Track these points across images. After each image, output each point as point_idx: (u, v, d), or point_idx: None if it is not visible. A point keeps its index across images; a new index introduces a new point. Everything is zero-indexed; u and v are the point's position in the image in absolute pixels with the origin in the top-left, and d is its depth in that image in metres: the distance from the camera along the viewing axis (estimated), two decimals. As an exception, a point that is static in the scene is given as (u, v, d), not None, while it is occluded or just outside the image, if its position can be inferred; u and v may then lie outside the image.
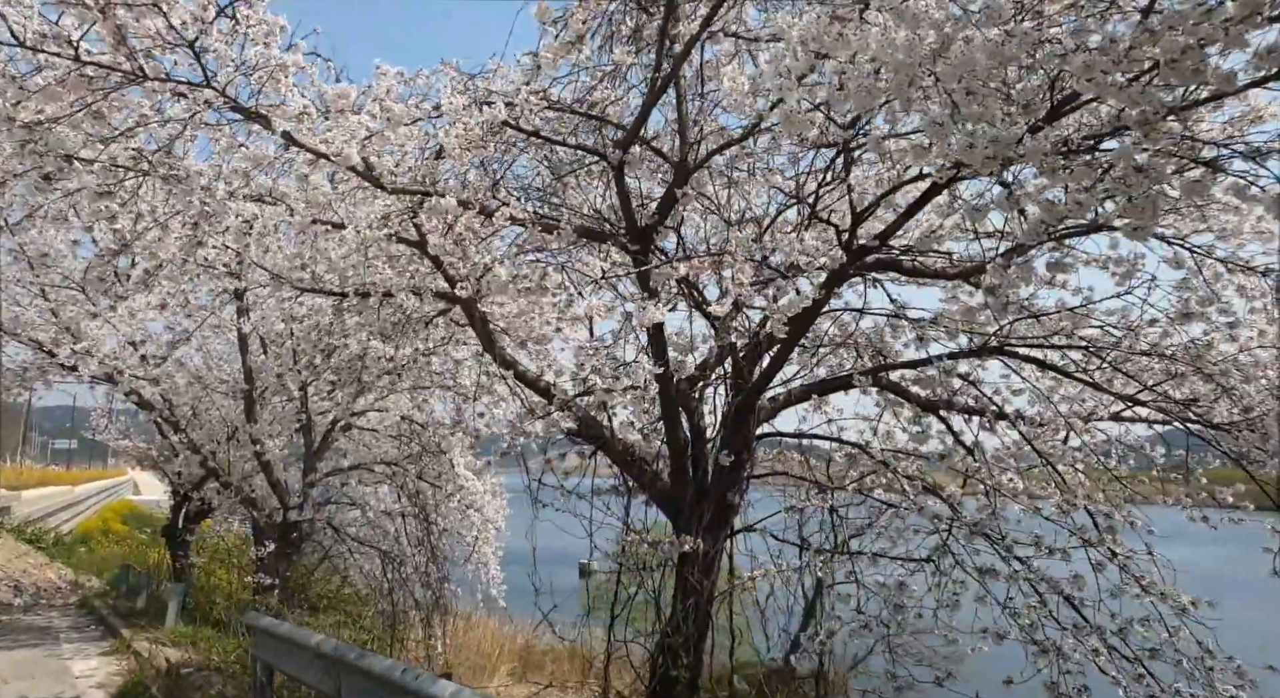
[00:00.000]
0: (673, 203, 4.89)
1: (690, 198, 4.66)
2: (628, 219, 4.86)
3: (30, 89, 3.46)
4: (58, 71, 3.53)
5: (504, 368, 6.09)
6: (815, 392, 5.44)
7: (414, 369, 10.33)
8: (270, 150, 4.86)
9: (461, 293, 5.80)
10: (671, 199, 4.83)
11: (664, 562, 5.12)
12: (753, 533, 5.33)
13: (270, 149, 4.86)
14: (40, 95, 3.50)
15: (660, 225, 4.86)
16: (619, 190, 4.82)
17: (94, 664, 9.26)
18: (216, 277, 6.87)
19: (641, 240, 4.78)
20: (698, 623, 4.92)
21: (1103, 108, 3.83)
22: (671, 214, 5.02)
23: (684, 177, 4.73)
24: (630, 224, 4.84)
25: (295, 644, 5.41)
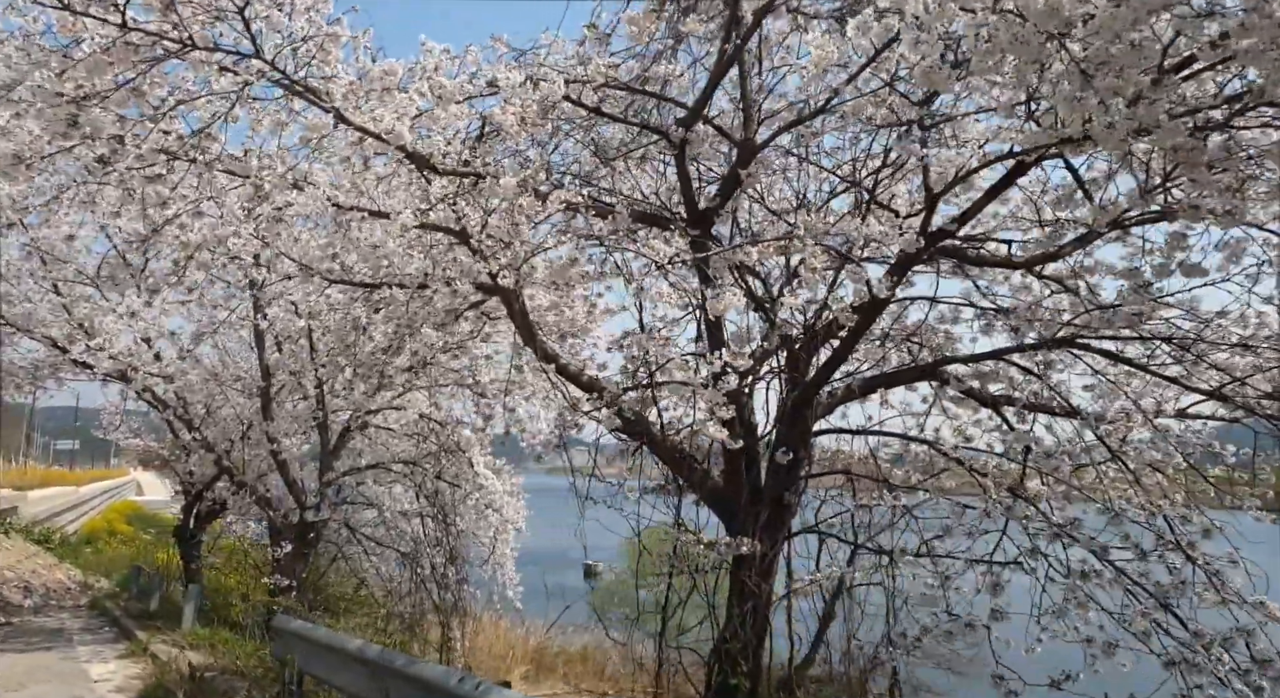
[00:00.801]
0: (736, 184, 4.66)
1: (755, 178, 4.43)
2: (687, 201, 4.62)
3: (75, 58, 3.24)
4: (101, 42, 3.32)
5: (545, 361, 5.86)
6: (881, 386, 5.20)
7: (434, 366, 10.15)
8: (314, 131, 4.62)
9: (504, 282, 5.58)
10: (735, 180, 4.60)
11: (720, 564, 4.89)
12: (806, 534, 5.08)
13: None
14: (84, 65, 3.29)
15: (722, 208, 4.63)
16: (680, 170, 4.58)
17: (111, 668, 9.03)
18: (244, 267, 6.66)
19: (702, 224, 4.54)
20: (756, 628, 4.69)
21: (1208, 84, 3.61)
22: (733, 197, 4.78)
23: (749, 156, 4.49)
24: (690, 207, 4.60)
25: (332, 649, 5.19)
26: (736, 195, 4.82)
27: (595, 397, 5.21)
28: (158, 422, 14.58)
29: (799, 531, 5.06)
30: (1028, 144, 3.41)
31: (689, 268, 3.85)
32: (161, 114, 3.75)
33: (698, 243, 4.29)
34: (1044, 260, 4.96)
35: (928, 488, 4.97)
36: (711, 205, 4.59)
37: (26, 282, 12.10)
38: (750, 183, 4.46)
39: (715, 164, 5.39)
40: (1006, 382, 5.37)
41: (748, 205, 5.55)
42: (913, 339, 5.39)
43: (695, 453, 5.35)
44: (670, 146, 4.47)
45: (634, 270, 5.75)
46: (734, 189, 4.73)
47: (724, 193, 4.65)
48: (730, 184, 4.69)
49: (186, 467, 14.13)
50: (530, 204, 4.01)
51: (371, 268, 6.37)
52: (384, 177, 6.03)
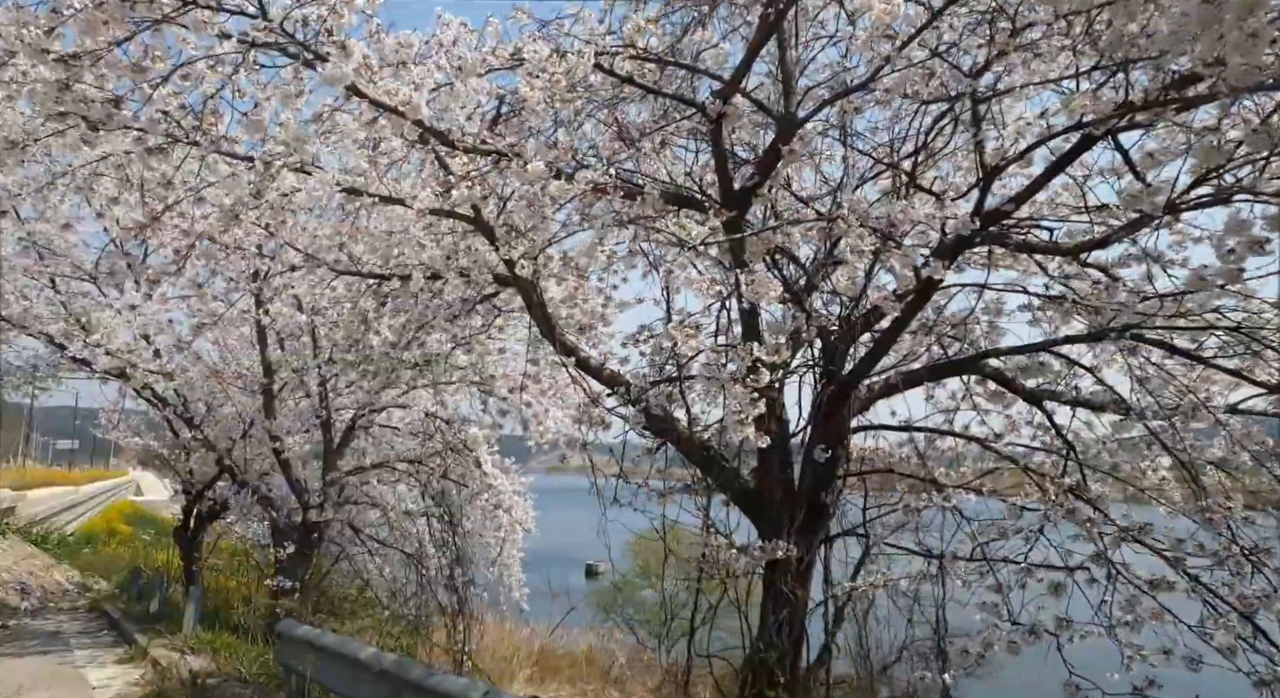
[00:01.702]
0: (775, 161, 4.37)
1: (797, 155, 4.15)
2: (723, 180, 4.34)
3: (63, 11, 2.97)
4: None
5: (565, 355, 5.58)
6: (922, 380, 4.92)
7: (440, 363, 9.87)
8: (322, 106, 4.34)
9: (522, 272, 5.31)
10: (774, 157, 4.31)
11: (752, 569, 4.62)
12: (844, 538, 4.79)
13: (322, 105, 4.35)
14: (75, 22, 3.02)
15: (760, 187, 4.34)
16: (715, 147, 4.29)
17: (110, 673, 8.76)
18: (248, 257, 6.39)
19: (738, 205, 4.26)
20: (793, 637, 4.41)
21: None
22: (771, 176, 4.50)
23: (789, 131, 4.20)
24: (725, 186, 4.32)
25: (342, 657, 4.91)
26: (775, 174, 4.54)
27: (621, 391, 4.93)
28: (158, 420, 14.30)
29: (837, 533, 4.79)
30: (1098, 113, 3.14)
31: (721, 252, 3.56)
32: (162, 78, 3.48)
33: (732, 224, 4.01)
34: (1092, 247, 4.68)
35: (979, 488, 4.69)
36: (749, 184, 4.30)
37: (22, 278, 11.82)
38: (792, 160, 4.18)
39: (741, 148, 5.08)
40: (1049, 376, 5.10)
41: (774, 191, 5.26)
42: (952, 331, 5.10)
43: (724, 451, 5.08)
44: (706, 121, 4.19)
45: (658, 257, 5.48)
46: (773, 167, 4.44)
47: (762, 171, 4.37)
48: (769, 161, 4.40)
49: (186, 466, 13.85)
50: (560, 188, 3.73)
51: (381, 258, 6.09)
52: (395, 161, 5.76)
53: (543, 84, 3.74)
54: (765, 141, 4.77)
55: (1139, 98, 2.77)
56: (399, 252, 5.99)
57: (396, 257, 6.13)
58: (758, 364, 4.35)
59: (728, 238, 3.63)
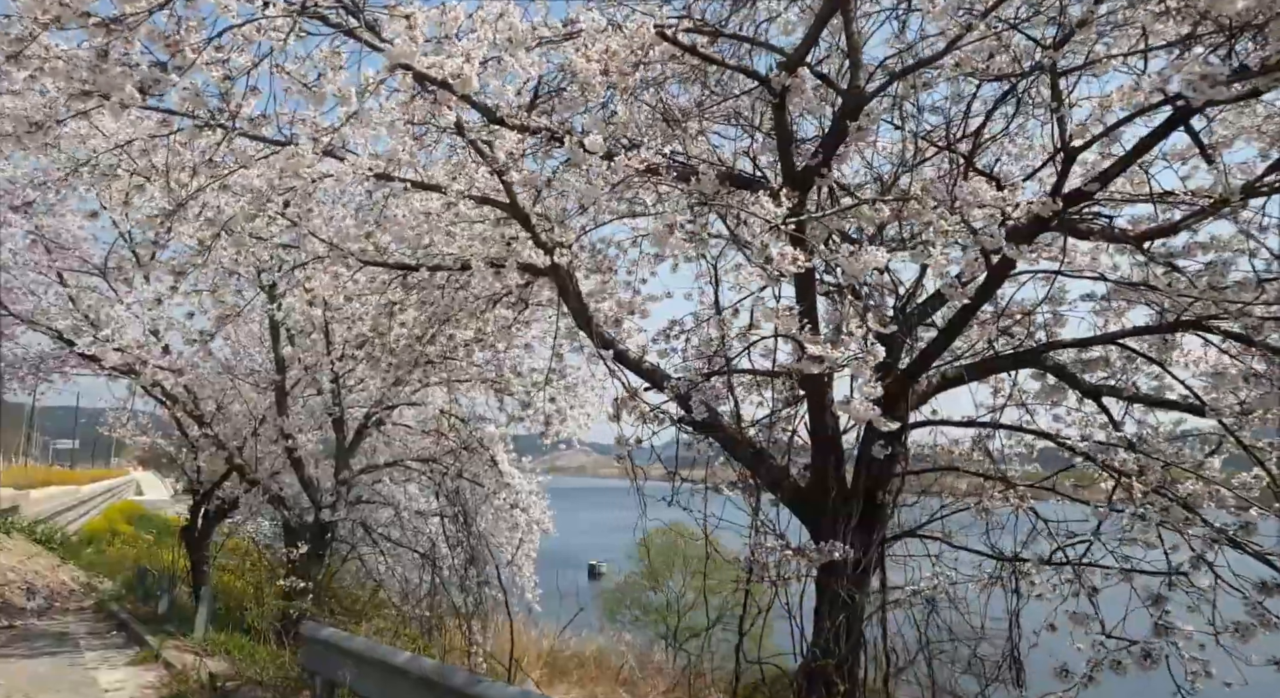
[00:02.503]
0: (841, 138, 4.16)
1: (866, 132, 3.94)
2: (785, 160, 4.12)
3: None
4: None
5: (602, 347, 5.38)
6: (981, 374, 4.70)
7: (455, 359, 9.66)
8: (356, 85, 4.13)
9: (561, 260, 5.10)
10: (840, 134, 4.10)
11: (807, 572, 4.40)
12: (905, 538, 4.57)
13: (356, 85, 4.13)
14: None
15: (825, 166, 4.13)
16: (778, 124, 4.07)
17: (121, 676, 8.55)
18: (270, 248, 6.18)
19: (801, 185, 4.04)
20: (851, 643, 4.20)
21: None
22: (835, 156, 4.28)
23: (856, 106, 3.98)
24: (787, 165, 4.10)
25: (374, 662, 4.70)
26: (839, 154, 4.33)
27: (673, 384, 4.72)
28: (166, 419, 14.09)
29: (897, 534, 4.57)
30: (1199, 91, 2.93)
31: (778, 236, 3.36)
32: (203, 42, 3.27)
33: (797, 207, 3.80)
34: (1159, 235, 4.47)
35: (1052, 487, 4.47)
36: (813, 163, 4.09)
37: (30, 272, 11.62)
38: (860, 137, 3.98)
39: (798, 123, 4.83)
40: (1110, 371, 4.90)
41: (838, 171, 4.97)
42: (1017, 322, 4.88)
43: (772, 448, 4.87)
44: (770, 95, 3.98)
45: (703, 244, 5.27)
46: (837, 145, 4.23)
47: (826, 149, 4.15)
48: (835, 139, 4.18)
49: (194, 465, 13.63)
50: (616, 167, 3.51)
51: (411, 247, 5.88)
52: (426, 147, 5.56)
53: (598, 55, 3.54)
54: (822, 123, 4.55)
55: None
56: (428, 240, 5.78)
57: (425, 246, 5.92)
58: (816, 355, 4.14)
59: (796, 219, 3.42)
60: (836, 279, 4.93)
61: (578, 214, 5.29)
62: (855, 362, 3.29)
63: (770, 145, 4.28)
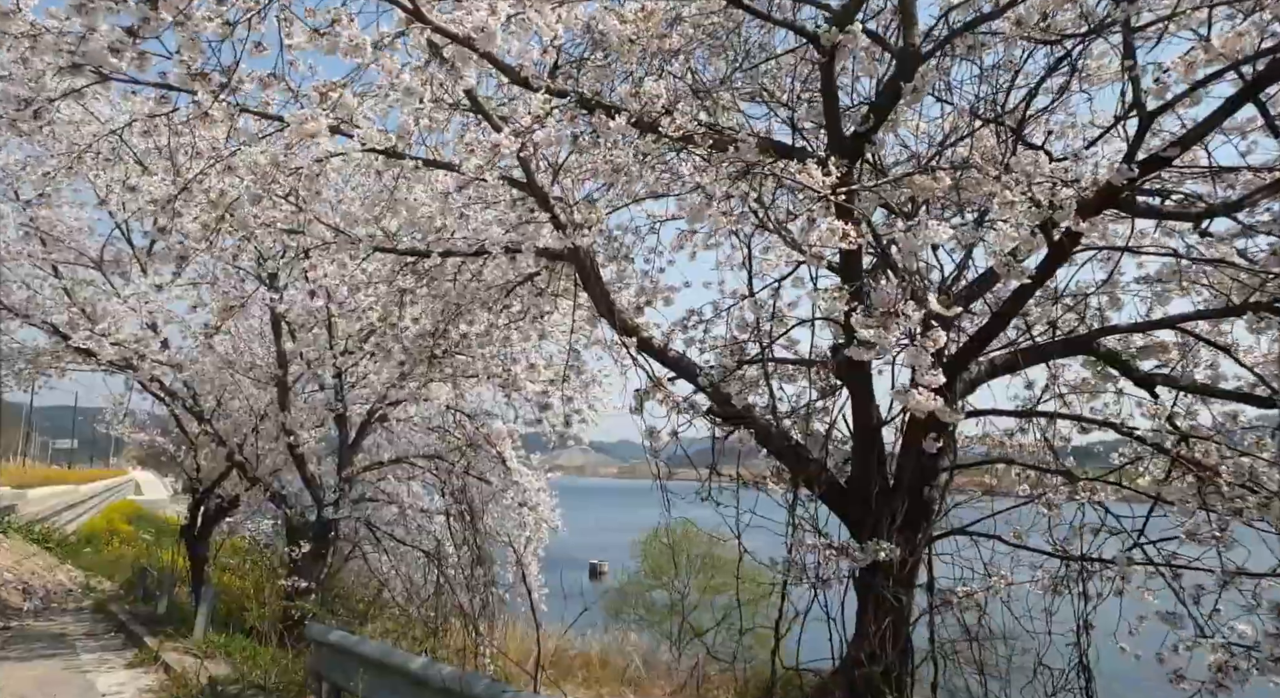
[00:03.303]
0: (894, 102, 3.88)
1: (920, 95, 3.66)
2: (832, 125, 3.83)
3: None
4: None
5: (625, 334, 5.11)
6: (1032, 362, 4.40)
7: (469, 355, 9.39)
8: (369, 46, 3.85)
9: (582, 241, 4.83)
10: (894, 96, 3.81)
11: (851, 573, 4.14)
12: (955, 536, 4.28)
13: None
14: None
15: (875, 131, 3.85)
16: (826, 85, 3.78)
17: (120, 679, 8.28)
18: (275, 234, 5.90)
19: (848, 154, 3.76)
20: (898, 648, 3.94)
21: None
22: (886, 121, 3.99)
23: (911, 67, 3.69)
24: (835, 132, 3.81)
25: (388, 668, 4.43)
26: (890, 119, 4.04)
27: (707, 373, 4.46)
28: (165, 416, 13.81)
29: (946, 532, 4.30)
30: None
31: (829, 205, 3.09)
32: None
33: (845, 177, 3.51)
34: (1222, 213, 4.20)
35: (1118, 481, 4.18)
36: (863, 129, 3.81)
37: (25, 266, 11.33)
38: (916, 99, 3.70)
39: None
40: (1165, 358, 4.63)
41: (891, 136, 4.63)
42: (1073, 304, 4.60)
43: (807, 441, 4.60)
44: (818, 53, 3.70)
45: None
46: (890, 108, 3.95)
47: (877, 113, 3.87)
48: (887, 102, 3.90)
49: (194, 463, 13.36)
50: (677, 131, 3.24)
51: (423, 232, 5.61)
52: (438, 123, 5.28)
53: (632, 15, 3.27)
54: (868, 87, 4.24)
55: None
56: (441, 223, 5.50)
57: (437, 230, 5.64)
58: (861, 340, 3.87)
59: (848, 189, 3.15)
60: (874, 257, 4.67)
61: (602, 192, 5.02)
62: (914, 348, 3.02)
63: (814, 113, 4.01)
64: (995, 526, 4.27)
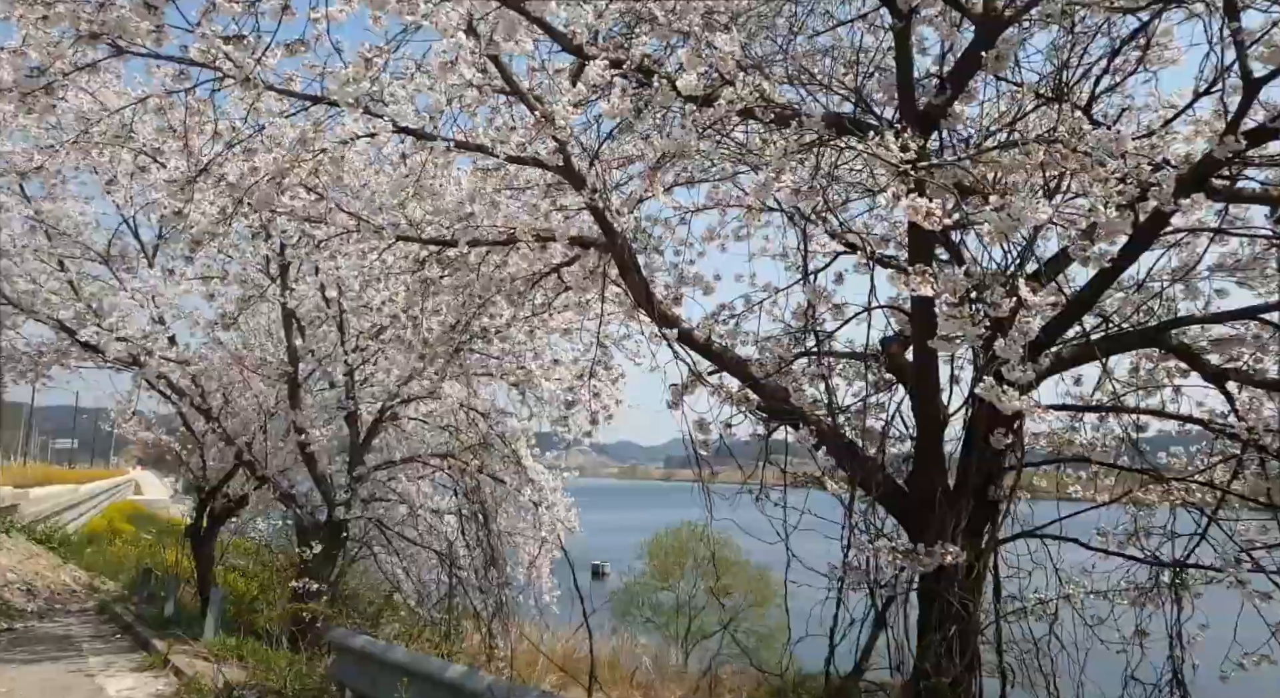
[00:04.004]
0: (972, 72, 3.62)
1: (1003, 64, 3.40)
2: (904, 96, 3.57)
3: None
4: None
5: (664, 325, 4.88)
6: (1104, 353, 4.13)
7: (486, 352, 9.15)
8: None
9: (622, 226, 4.60)
10: (973, 66, 3.55)
11: (912, 577, 3.90)
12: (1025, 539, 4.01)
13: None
14: None
15: (952, 103, 3.59)
16: (900, 54, 3.52)
17: (129, 683, 8.04)
18: (296, 220, 5.67)
19: (921, 128, 3.51)
20: (966, 660, 3.69)
21: None
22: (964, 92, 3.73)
23: (994, 33, 3.43)
24: (908, 105, 3.56)
25: (422, 677, 4.19)
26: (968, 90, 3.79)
27: (762, 364, 4.22)
28: (170, 415, 13.57)
29: (1015, 535, 4.04)
30: None
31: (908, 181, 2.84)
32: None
33: (919, 154, 3.26)
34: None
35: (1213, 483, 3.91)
36: (939, 101, 3.56)
37: (30, 261, 11.09)
38: (999, 67, 3.44)
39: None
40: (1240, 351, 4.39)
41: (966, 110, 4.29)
42: (1155, 293, 4.32)
43: (864, 439, 4.36)
44: (894, 16, 3.44)
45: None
46: (967, 79, 3.70)
47: (955, 83, 3.61)
48: (965, 71, 3.64)
49: (200, 462, 13.11)
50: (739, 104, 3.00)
51: (450, 219, 5.37)
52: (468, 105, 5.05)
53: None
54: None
55: None
56: (471, 209, 5.26)
57: (466, 217, 5.40)
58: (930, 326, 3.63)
59: (929, 164, 2.91)
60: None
61: (640, 178, 4.78)
62: (1005, 341, 2.79)
63: (884, 83, 3.76)
64: (1061, 528, 4.02)
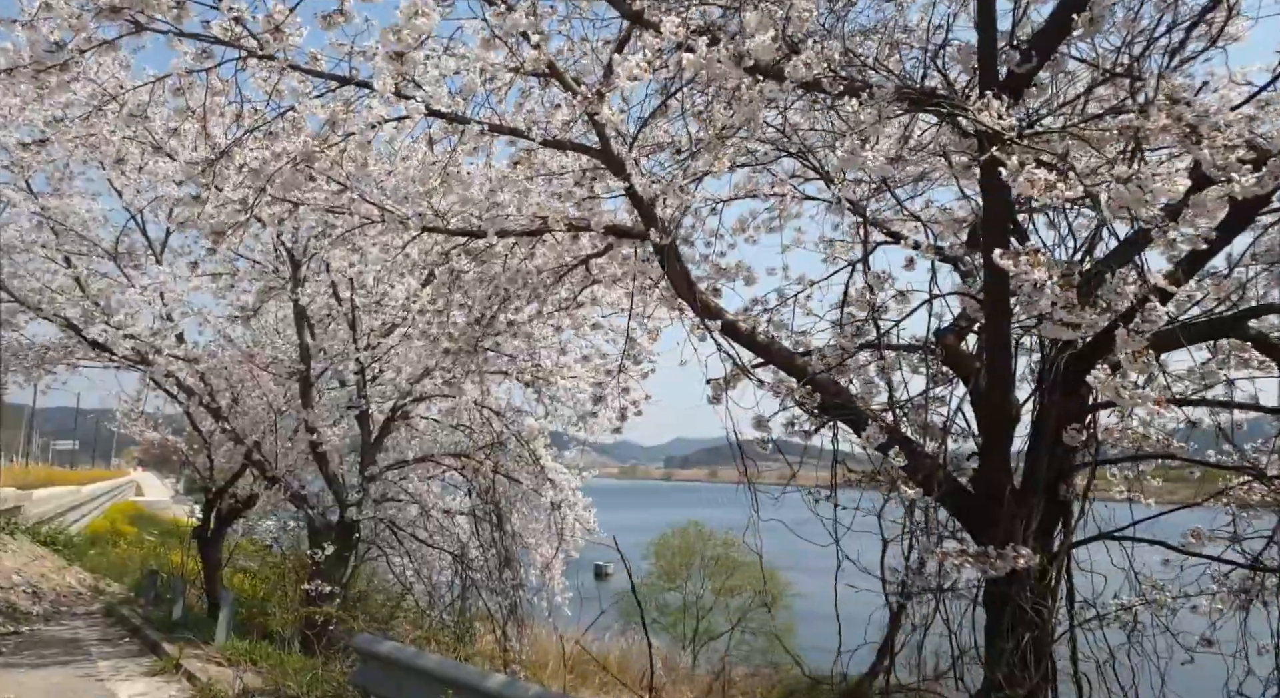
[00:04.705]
0: (1061, 36, 3.37)
1: (1099, 25, 3.14)
2: (986, 64, 3.31)
3: None
4: None
5: (708, 317, 4.67)
6: (1186, 342, 3.90)
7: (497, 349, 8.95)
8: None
9: (665, 212, 4.39)
10: (1062, 29, 3.29)
11: (982, 582, 3.68)
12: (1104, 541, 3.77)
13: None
14: None
15: (1038, 70, 3.34)
16: (982, 17, 3.27)
17: (141, 688, 7.83)
18: (318, 210, 5.46)
19: (1009, 97, 3.25)
20: (1041, 670, 3.47)
21: None
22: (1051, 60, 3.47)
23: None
24: (988, 71, 3.30)
25: (460, 685, 3.98)
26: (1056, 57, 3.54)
27: (815, 355, 4.02)
28: (177, 415, 13.37)
29: (1092, 537, 3.81)
30: None
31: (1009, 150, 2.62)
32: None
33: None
34: None
35: None
36: (1022, 71, 3.33)
37: (37, 258, 10.89)
38: (1093, 31, 3.20)
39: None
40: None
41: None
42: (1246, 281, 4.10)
43: (924, 435, 4.15)
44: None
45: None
46: (1057, 45, 3.46)
47: (1041, 50, 3.36)
48: (1052, 37, 3.39)
49: (207, 462, 12.91)
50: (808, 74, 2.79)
51: (479, 208, 5.17)
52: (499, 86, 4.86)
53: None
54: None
55: None
56: (503, 197, 5.06)
57: (495, 205, 5.20)
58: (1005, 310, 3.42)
59: (1035, 131, 2.70)
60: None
61: (684, 162, 4.57)
62: (1127, 331, 2.58)
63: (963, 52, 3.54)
64: (1134, 530, 3.79)
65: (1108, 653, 3.66)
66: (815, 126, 4.55)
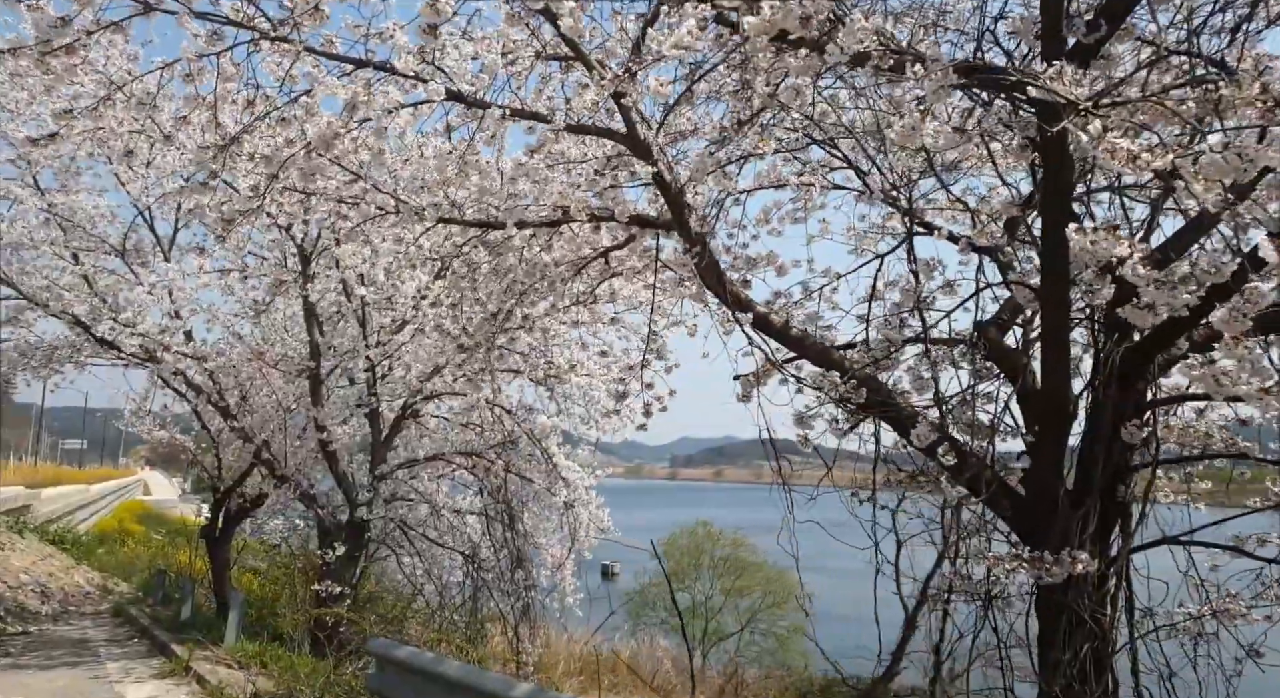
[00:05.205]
0: (1133, 4, 3.17)
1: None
2: (1051, 33, 3.07)
3: None
4: None
5: (739, 309, 4.48)
6: (1253, 332, 3.69)
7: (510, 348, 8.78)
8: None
9: (694, 199, 4.20)
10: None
11: (1033, 587, 3.48)
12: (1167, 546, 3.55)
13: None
14: None
15: (1107, 40, 3.12)
16: None
17: (150, 691, 7.69)
18: (330, 201, 5.28)
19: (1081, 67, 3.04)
20: (1102, 683, 3.27)
21: None
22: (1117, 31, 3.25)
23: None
24: (1053, 41, 3.06)
25: (472, 691, 3.80)
26: (1125, 25, 3.33)
27: (855, 355, 3.82)
28: (185, 414, 13.24)
29: (1154, 541, 3.60)
30: None
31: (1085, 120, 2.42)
32: None
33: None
34: None
35: None
36: (1089, 42, 3.12)
37: (44, 254, 10.76)
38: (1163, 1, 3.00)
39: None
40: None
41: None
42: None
43: (971, 433, 3.95)
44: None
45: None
46: (1129, 12, 3.24)
47: (1111, 18, 3.13)
48: (1123, 4, 3.17)
49: (215, 461, 12.78)
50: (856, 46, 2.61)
51: (498, 198, 4.99)
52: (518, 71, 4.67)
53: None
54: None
55: None
56: (522, 186, 4.88)
57: (513, 195, 5.02)
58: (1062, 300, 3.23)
59: (1114, 101, 2.49)
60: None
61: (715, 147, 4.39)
62: (1227, 314, 2.38)
63: (1026, 21, 3.32)
64: (1192, 534, 3.58)
65: (1166, 664, 3.45)
66: (859, 107, 4.35)
